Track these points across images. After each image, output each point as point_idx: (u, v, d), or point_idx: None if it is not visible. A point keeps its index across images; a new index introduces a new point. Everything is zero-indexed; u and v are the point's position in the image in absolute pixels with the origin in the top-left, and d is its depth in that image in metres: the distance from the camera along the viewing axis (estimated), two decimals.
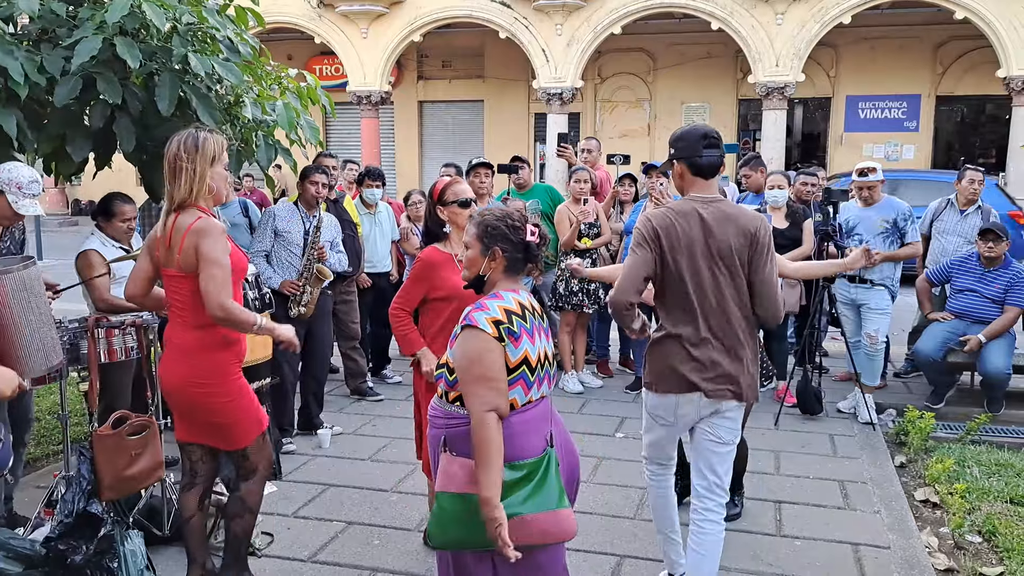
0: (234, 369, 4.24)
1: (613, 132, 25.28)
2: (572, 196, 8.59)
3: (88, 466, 4.57)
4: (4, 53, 4.79)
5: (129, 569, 4.30)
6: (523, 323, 3.24)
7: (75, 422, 6.82)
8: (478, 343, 3.17)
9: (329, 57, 25.82)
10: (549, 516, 3.13)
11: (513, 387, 3.20)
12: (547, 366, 3.37)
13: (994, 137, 24.32)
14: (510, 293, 3.33)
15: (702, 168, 4.14)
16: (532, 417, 3.27)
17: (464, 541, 3.21)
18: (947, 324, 7.97)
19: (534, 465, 3.17)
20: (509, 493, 3.11)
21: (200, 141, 4.10)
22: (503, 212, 3.43)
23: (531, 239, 3.36)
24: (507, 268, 3.38)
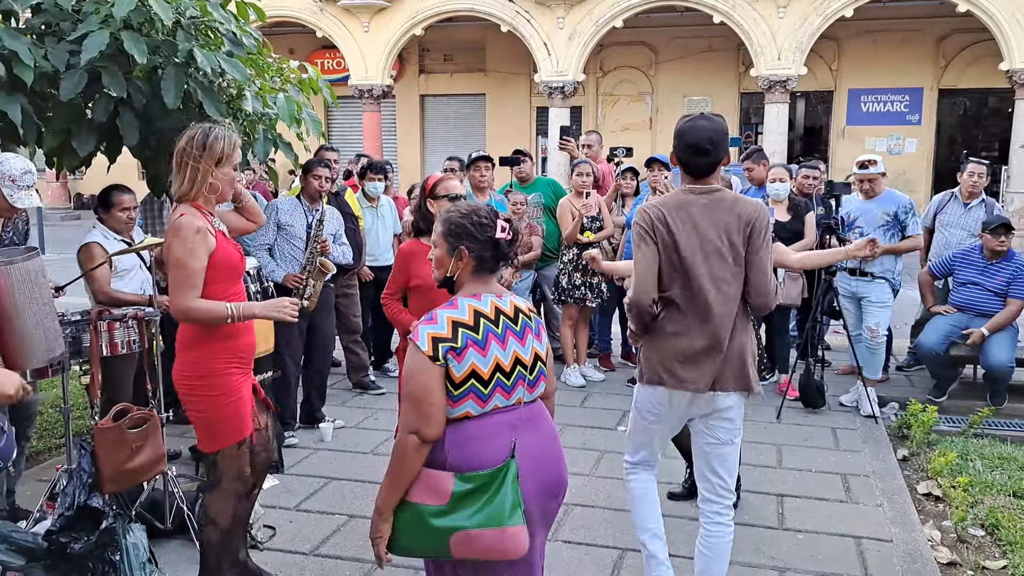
0: (223, 366, 4.11)
1: (615, 126, 25.27)
2: (574, 190, 8.58)
3: (89, 459, 4.56)
4: (11, 38, 4.79)
5: (131, 562, 4.30)
6: (472, 335, 3.07)
7: (77, 415, 6.84)
8: (413, 362, 3.07)
9: (331, 51, 25.78)
10: (495, 533, 2.98)
11: (462, 401, 3.06)
12: (520, 371, 3.17)
13: (997, 131, 24.28)
14: (467, 300, 3.16)
15: (691, 170, 4.12)
16: (494, 424, 3.12)
17: (414, 550, 3.15)
18: (950, 317, 7.97)
19: (487, 477, 3.02)
20: (458, 506, 3.00)
21: (209, 140, 4.05)
22: (469, 209, 3.27)
23: (500, 236, 3.19)
24: (475, 268, 3.22)
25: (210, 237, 4.05)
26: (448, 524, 3.00)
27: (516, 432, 3.13)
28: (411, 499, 3.07)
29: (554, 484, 3.28)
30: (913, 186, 22.34)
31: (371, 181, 8.61)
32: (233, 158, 4.14)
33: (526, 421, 3.21)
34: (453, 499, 3.01)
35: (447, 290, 3.33)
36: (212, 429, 4.19)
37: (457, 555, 3.04)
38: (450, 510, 3.01)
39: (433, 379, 3.04)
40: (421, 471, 3.08)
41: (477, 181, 8.37)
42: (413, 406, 3.05)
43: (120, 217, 6.04)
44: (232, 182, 4.19)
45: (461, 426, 3.09)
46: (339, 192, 8.03)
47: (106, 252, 5.83)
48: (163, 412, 5.18)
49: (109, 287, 5.89)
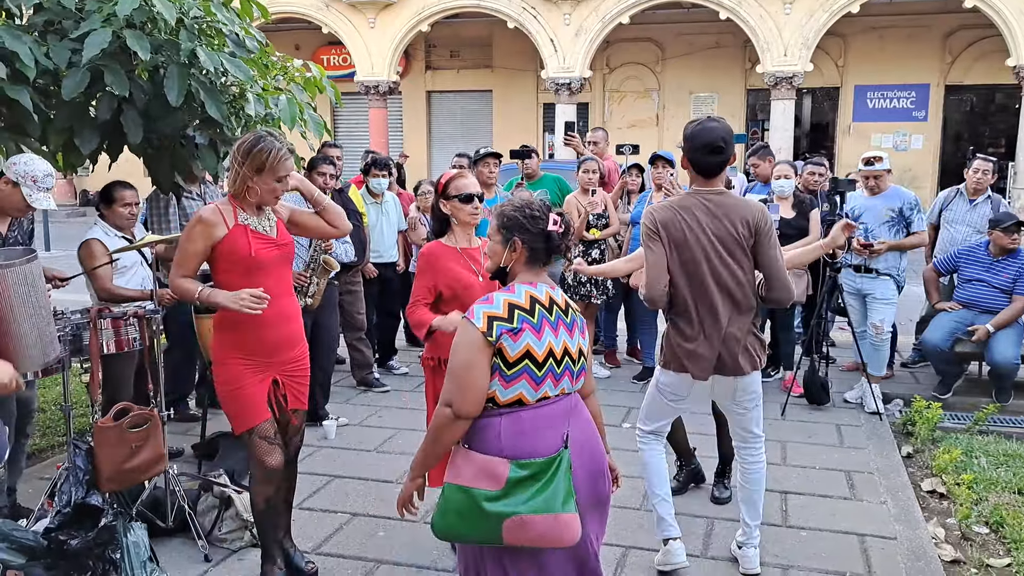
0: (229, 356, 4.30)
1: (621, 122, 25.25)
2: (580, 186, 8.57)
3: (84, 458, 4.58)
4: (12, 38, 4.79)
5: (132, 560, 4.30)
6: (529, 318, 3.17)
7: (79, 413, 6.84)
8: (463, 336, 3.16)
9: (337, 47, 25.79)
10: (549, 519, 3.05)
11: (517, 381, 3.15)
12: (568, 362, 3.28)
13: (1004, 127, 24.22)
14: (524, 286, 3.27)
15: (703, 171, 4.43)
16: (546, 414, 3.20)
17: (464, 534, 3.19)
18: (955, 314, 7.94)
19: (542, 465, 3.10)
20: (513, 492, 3.07)
21: (255, 149, 4.19)
22: (522, 202, 3.35)
23: (552, 228, 3.29)
24: (528, 259, 3.31)
25: (217, 227, 4.20)
26: (502, 509, 3.06)
27: (566, 423, 3.24)
28: (466, 484, 3.13)
29: (599, 471, 3.38)
30: (919, 182, 22.30)
31: (375, 177, 8.60)
32: (276, 170, 4.21)
33: (573, 411, 3.32)
34: (508, 485, 3.08)
35: (499, 282, 3.43)
36: (227, 413, 4.40)
37: (509, 540, 3.09)
38: (504, 495, 3.07)
39: (479, 356, 3.13)
40: (477, 457, 3.15)
41: (486, 178, 8.35)
42: (453, 379, 3.15)
43: (122, 213, 6.04)
44: (272, 192, 4.26)
45: (516, 415, 3.17)
46: (343, 189, 8.01)
47: (106, 249, 5.83)
48: (164, 411, 5.17)
49: (111, 283, 5.89)
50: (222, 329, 4.32)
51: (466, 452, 3.19)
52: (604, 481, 3.42)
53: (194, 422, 6.91)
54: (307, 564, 4.71)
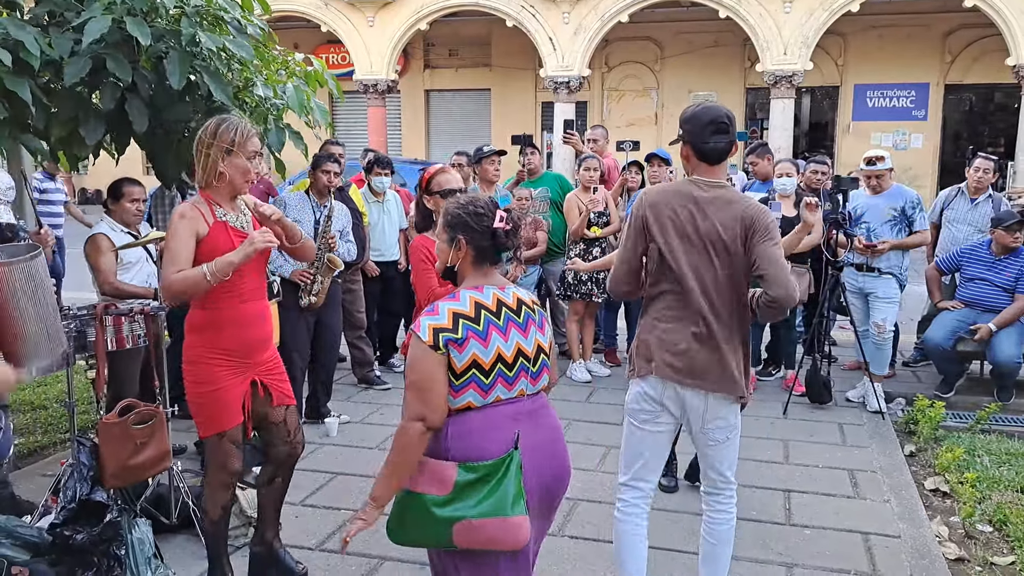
0: (206, 356, 4.15)
1: (620, 121, 25.24)
2: (581, 184, 8.57)
3: (88, 454, 4.57)
4: (17, 28, 4.79)
5: (136, 557, 4.29)
6: (473, 326, 3.09)
7: (82, 410, 6.83)
8: (415, 351, 3.10)
9: (336, 46, 25.79)
10: (498, 523, 3.01)
11: (464, 391, 3.09)
12: (522, 363, 3.19)
13: (1003, 126, 24.24)
14: (469, 292, 3.19)
15: (707, 155, 3.95)
16: (496, 415, 3.14)
17: (417, 539, 3.17)
18: (957, 313, 7.94)
19: (491, 468, 3.04)
20: (461, 495, 3.02)
21: (219, 128, 4.09)
22: (467, 199, 3.29)
23: (498, 226, 3.20)
24: (475, 258, 3.24)
25: (199, 222, 4.08)
26: (451, 514, 3.02)
27: (518, 424, 3.16)
28: (415, 489, 3.08)
29: (555, 477, 3.30)
30: (919, 182, 22.32)
31: (377, 176, 8.59)
32: (245, 147, 4.11)
33: (529, 413, 3.23)
34: (456, 489, 3.03)
35: (451, 282, 3.36)
36: (195, 415, 4.28)
37: (460, 544, 3.05)
38: (453, 499, 3.03)
39: (435, 367, 3.07)
40: (425, 461, 3.10)
41: (490, 176, 8.34)
42: (417, 394, 3.08)
43: (130, 208, 6.04)
44: (245, 172, 4.14)
45: (464, 417, 3.11)
46: (344, 187, 8.00)
47: (112, 244, 5.83)
48: (168, 407, 5.16)
49: (115, 278, 5.88)
50: (199, 329, 4.17)
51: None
52: (560, 491, 3.36)
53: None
54: (297, 565, 4.67)
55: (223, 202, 4.21)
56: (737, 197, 3.99)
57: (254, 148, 4.16)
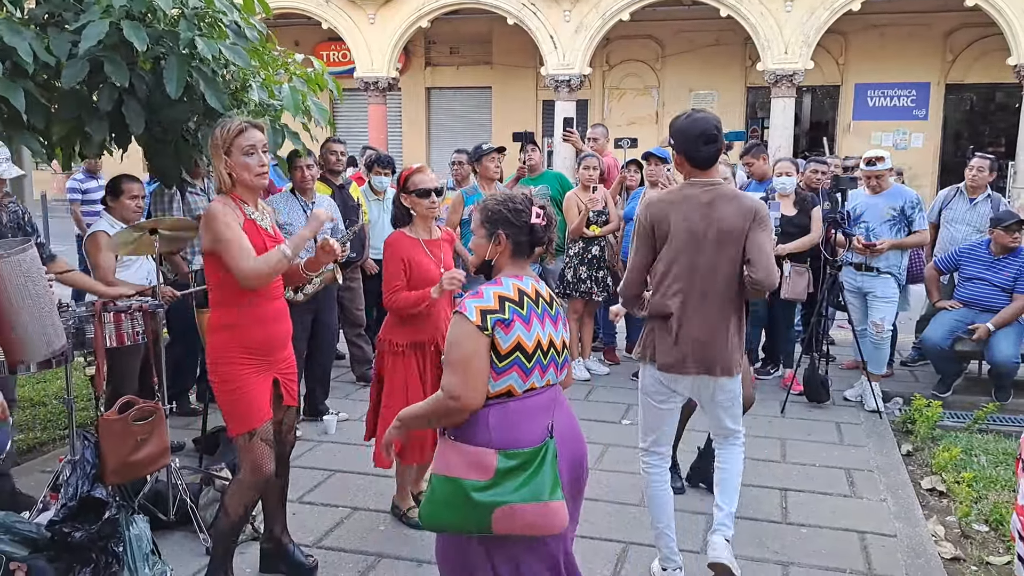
0: (230, 355, 4.14)
1: (621, 119, 25.21)
2: (581, 183, 8.57)
3: (92, 450, 4.57)
4: (12, 33, 4.79)
5: (134, 553, 4.31)
6: (518, 310, 3.21)
7: (81, 407, 6.85)
8: (460, 330, 3.17)
9: (336, 43, 25.76)
10: (538, 508, 3.08)
11: (507, 373, 3.18)
12: (552, 354, 3.32)
13: (1004, 126, 24.20)
14: (511, 280, 3.30)
15: (699, 162, 4.35)
16: (532, 405, 3.24)
17: (452, 525, 3.20)
18: (955, 312, 7.95)
19: (530, 455, 3.12)
20: (502, 481, 3.09)
21: (216, 132, 4.13)
22: (505, 196, 3.41)
23: (535, 221, 3.33)
24: (513, 252, 3.36)
25: (236, 217, 4.10)
26: (492, 499, 3.08)
27: (551, 412, 3.27)
28: (454, 474, 3.14)
29: (580, 464, 3.43)
30: (919, 181, 22.29)
31: (378, 175, 8.61)
32: (239, 143, 4.10)
33: (556, 402, 3.35)
34: (497, 475, 3.10)
35: (484, 276, 3.45)
36: (225, 415, 4.26)
37: (498, 530, 3.10)
38: (493, 485, 3.09)
39: (480, 346, 3.16)
40: (465, 448, 3.17)
41: (491, 173, 8.36)
42: (457, 372, 3.15)
43: (129, 205, 6.06)
44: (246, 167, 4.12)
45: (504, 407, 3.19)
46: (344, 185, 8.01)
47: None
48: (167, 404, 5.17)
49: (113, 276, 5.89)
50: (223, 328, 4.17)
51: (453, 444, 3.21)
52: (583, 472, 3.47)
53: (195, 416, 6.92)
54: (307, 558, 4.71)
55: (249, 201, 4.25)
56: (737, 193, 4.43)
57: (250, 142, 4.12)
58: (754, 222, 4.27)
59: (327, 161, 7.70)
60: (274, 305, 4.29)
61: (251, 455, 4.22)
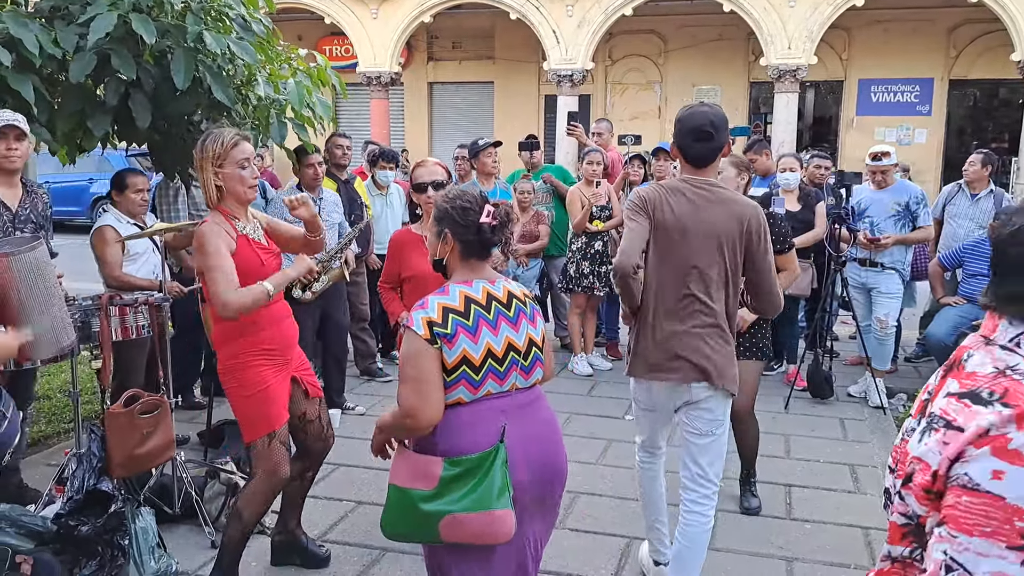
0: (250, 360, 4.11)
1: (624, 114, 25.18)
2: (584, 178, 8.57)
3: (99, 444, 4.59)
4: (18, 25, 4.79)
5: (140, 546, 4.31)
6: (463, 321, 3.10)
7: (86, 400, 6.85)
8: (410, 345, 3.10)
9: (339, 38, 25.74)
10: (483, 516, 3.01)
11: (454, 388, 3.09)
12: (512, 357, 3.18)
13: (1007, 122, 24.17)
14: (458, 286, 3.19)
15: (691, 159, 4.12)
16: (483, 410, 3.14)
17: (407, 534, 3.19)
18: (959, 309, 7.93)
19: (475, 462, 3.04)
20: (446, 490, 3.03)
21: (204, 144, 4.08)
22: (455, 194, 3.31)
23: (485, 220, 3.20)
24: (462, 252, 3.25)
25: (228, 238, 4.06)
26: (437, 508, 3.03)
27: (507, 417, 3.15)
28: (402, 484, 3.11)
29: (550, 471, 3.28)
30: (922, 177, 22.23)
31: (382, 170, 8.61)
32: (232, 155, 4.07)
33: (520, 407, 3.23)
34: (441, 483, 3.04)
35: (441, 275, 3.38)
36: (244, 420, 4.22)
37: (447, 539, 3.07)
38: (438, 494, 3.04)
39: (432, 361, 3.07)
40: (412, 456, 3.13)
41: (489, 168, 8.36)
42: (413, 388, 3.08)
43: (135, 199, 6.05)
44: (240, 180, 4.11)
45: (453, 412, 3.11)
46: (348, 180, 8.01)
47: (119, 236, 5.84)
48: (172, 398, 5.18)
49: (120, 271, 5.90)
50: (237, 335, 4.12)
51: (405, 452, 3.19)
52: (556, 484, 3.34)
53: (199, 410, 6.93)
54: (320, 548, 4.76)
55: (240, 215, 4.22)
56: (730, 196, 4.11)
57: (243, 155, 4.11)
58: (751, 236, 4.01)
59: (332, 155, 7.71)
60: (280, 305, 4.31)
61: (270, 460, 4.20)
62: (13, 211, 5.14)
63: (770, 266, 4.09)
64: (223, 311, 3.96)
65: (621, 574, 4.74)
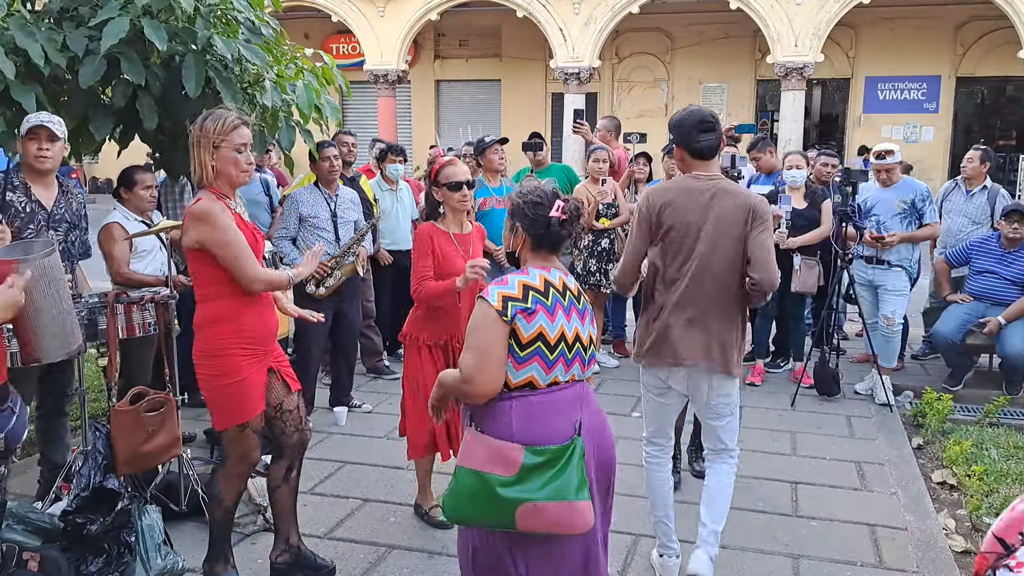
0: (231, 348, 4.10)
1: (630, 112, 25.15)
2: (590, 176, 8.57)
3: (104, 441, 4.59)
4: (25, 35, 4.80)
5: (146, 543, 4.33)
6: (542, 299, 3.20)
7: (93, 398, 6.87)
8: (481, 315, 3.19)
9: (346, 36, 25.76)
10: (563, 507, 3.06)
11: (528, 363, 3.17)
12: (578, 348, 3.29)
13: (1015, 119, 24.16)
14: (538, 270, 3.30)
15: (699, 152, 4.33)
16: (558, 400, 3.22)
17: (476, 518, 3.20)
18: (966, 306, 7.93)
19: (557, 452, 3.10)
20: (527, 478, 3.07)
21: (204, 123, 4.07)
22: (528, 189, 3.42)
23: (554, 215, 3.30)
24: (532, 245, 3.36)
25: (229, 214, 4.08)
26: (516, 495, 3.07)
27: (578, 409, 3.25)
28: (479, 468, 3.13)
29: (609, 458, 3.42)
30: (929, 174, 22.21)
31: (392, 163, 8.59)
32: (230, 138, 4.07)
33: (584, 399, 3.33)
34: (522, 471, 3.08)
35: (514, 266, 3.47)
36: (216, 408, 4.23)
37: (522, 527, 3.09)
38: (518, 481, 3.08)
39: (498, 334, 3.16)
40: (491, 442, 3.15)
41: (496, 166, 8.35)
42: (474, 357, 3.16)
43: (143, 196, 6.05)
44: (234, 163, 4.10)
45: (527, 401, 3.18)
46: (354, 178, 8.01)
47: (126, 233, 5.85)
48: (178, 395, 5.19)
49: (127, 268, 5.90)
50: (219, 321, 4.11)
51: (479, 436, 3.20)
52: (612, 471, 3.46)
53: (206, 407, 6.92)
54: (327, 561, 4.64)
55: (229, 195, 4.20)
56: (737, 188, 4.39)
57: (241, 139, 4.11)
58: (754, 220, 4.24)
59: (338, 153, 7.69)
60: (268, 297, 4.32)
61: (243, 446, 4.23)
62: (48, 210, 5.17)
63: (767, 243, 4.26)
64: (250, 284, 4.05)
65: (628, 571, 4.74)
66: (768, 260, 4.22)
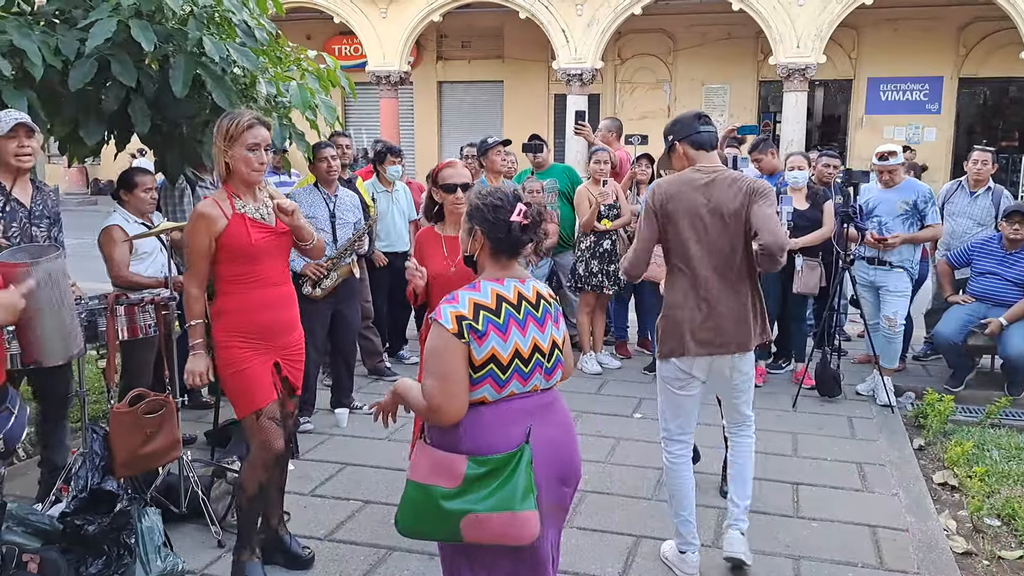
0: (225, 338, 4.28)
1: (633, 113, 25.12)
2: (592, 177, 8.56)
3: (101, 443, 4.60)
4: (21, 36, 4.80)
5: (146, 545, 4.33)
6: (493, 319, 3.09)
7: (94, 400, 6.87)
8: (437, 339, 3.08)
9: (348, 37, 25.75)
10: (506, 517, 2.98)
11: (480, 385, 3.08)
12: (537, 358, 3.18)
13: (1017, 120, 24.11)
14: (490, 284, 3.19)
15: (703, 142, 4.50)
16: (509, 410, 3.12)
17: (425, 532, 3.15)
18: (967, 307, 7.93)
19: (501, 461, 3.02)
20: (470, 489, 3.00)
21: (222, 123, 4.22)
22: (488, 191, 3.29)
23: (516, 219, 3.17)
24: (492, 250, 3.24)
25: (218, 221, 4.20)
26: (459, 507, 3.01)
27: (531, 418, 3.14)
28: (423, 481, 3.08)
29: (566, 472, 3.28)
30: (932, 175, 22.09)
31: (391, 164, 8.58)
32: (244, 138, 4.17)
33: (542, 408, 3.22)
34: (465, 482, 3.01)
35: (472, 270, 3.37)
36: (232, 398, 4.37)
37: (468, 538, 3.04)
38: (461, 493, 3.01)
39: (458, 357, 3.06)
40: (435, 453, 3.10)
41: (499, 166, 8.33)
42: (439, 384, 3.06)
43: (144, 198, 6.06)
44: (247, 162, 4.22)
45: (477, 412, 3.09)
46: (351, 180, 8.00)
47: (127, 235, 5.85)
48: (178, 397, 5.19)
49: (127, 270, 5.91)
50: (224, 313, 4.29)
51: (427, 448, 3.15)
52: (571, 488, 3.34)
53: (207, 409, 6.94)
54: (304, 550, 4.74)
55: (243, 193, 4.31)
56: (738, 175, 4.51)
57: (254, 139, 4.20)
58: (754, 195, 4.35)
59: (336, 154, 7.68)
60: (278, 291, 4.40)
61: (259, 434, 4.31)
62: (28, 208, 5.16)
63: (772, 213, 4.35)
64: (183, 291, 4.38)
65: (629, 573, 4.73)
66: (771, 223, 4.29)
